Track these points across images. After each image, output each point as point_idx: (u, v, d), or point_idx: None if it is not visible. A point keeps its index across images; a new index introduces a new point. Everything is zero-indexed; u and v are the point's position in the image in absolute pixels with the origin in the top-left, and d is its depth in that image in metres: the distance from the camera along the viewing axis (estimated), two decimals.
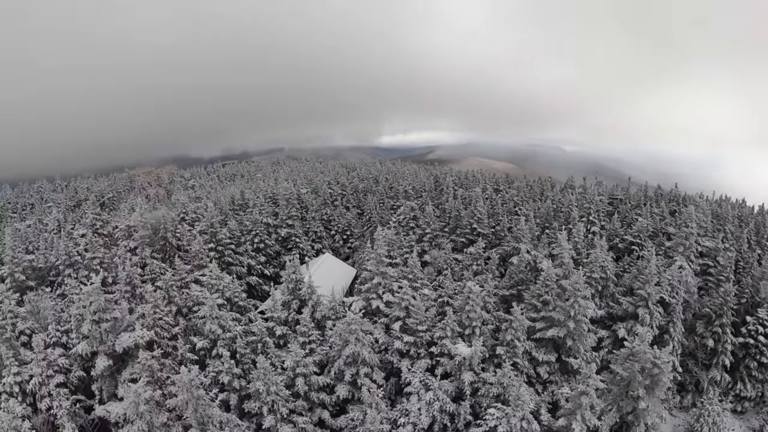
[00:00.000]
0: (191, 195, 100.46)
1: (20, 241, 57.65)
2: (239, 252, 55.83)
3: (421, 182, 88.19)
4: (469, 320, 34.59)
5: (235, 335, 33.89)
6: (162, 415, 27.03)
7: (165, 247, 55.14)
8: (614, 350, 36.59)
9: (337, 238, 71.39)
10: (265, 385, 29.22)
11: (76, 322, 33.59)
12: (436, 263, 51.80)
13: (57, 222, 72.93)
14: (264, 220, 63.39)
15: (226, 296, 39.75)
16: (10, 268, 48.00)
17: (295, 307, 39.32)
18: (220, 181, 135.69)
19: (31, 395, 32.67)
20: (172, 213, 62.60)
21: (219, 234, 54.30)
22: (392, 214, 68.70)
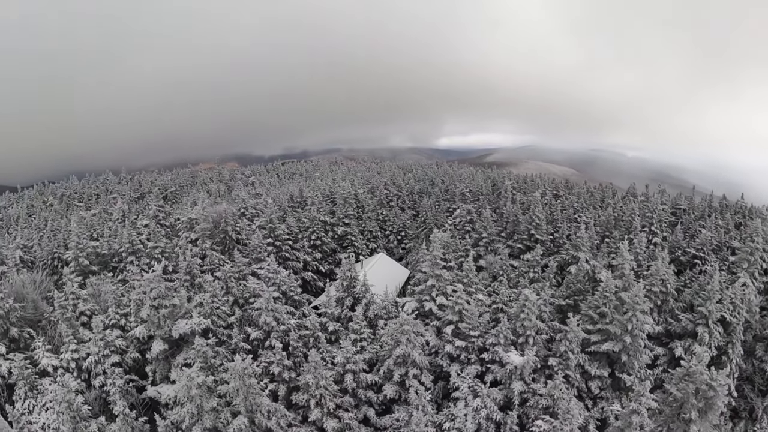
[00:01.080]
0: (251, 191, 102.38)
1: (85, 229, 60.29)
2: (296, 248, 56.62)
3: (479, 185, 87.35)
4: (523, 328, 33.78)
5: (288, 328, 34.24)
6: (212, 400, 27.49)
7: (225, 240, 56.47)
8: (669, 369, 35.21)
9: (391, 239, 71.54)
10: (315, 378, 29.34)
11: (135, 306, 34.81)
12: (492, 269, 51.16)
13: (122, 212, 75.56)
14: (321, 217, 64.03)
15: (282, 290, 40.36)
16: (75, 253, 50.48)
17: (348, 305, 39.52)
18: (280, 179, 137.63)
19: (86, 372, 34.54)
20: (232, 208, 64.07)
21: (277, 230, 55.44)
22: (448, 217, 68.30)
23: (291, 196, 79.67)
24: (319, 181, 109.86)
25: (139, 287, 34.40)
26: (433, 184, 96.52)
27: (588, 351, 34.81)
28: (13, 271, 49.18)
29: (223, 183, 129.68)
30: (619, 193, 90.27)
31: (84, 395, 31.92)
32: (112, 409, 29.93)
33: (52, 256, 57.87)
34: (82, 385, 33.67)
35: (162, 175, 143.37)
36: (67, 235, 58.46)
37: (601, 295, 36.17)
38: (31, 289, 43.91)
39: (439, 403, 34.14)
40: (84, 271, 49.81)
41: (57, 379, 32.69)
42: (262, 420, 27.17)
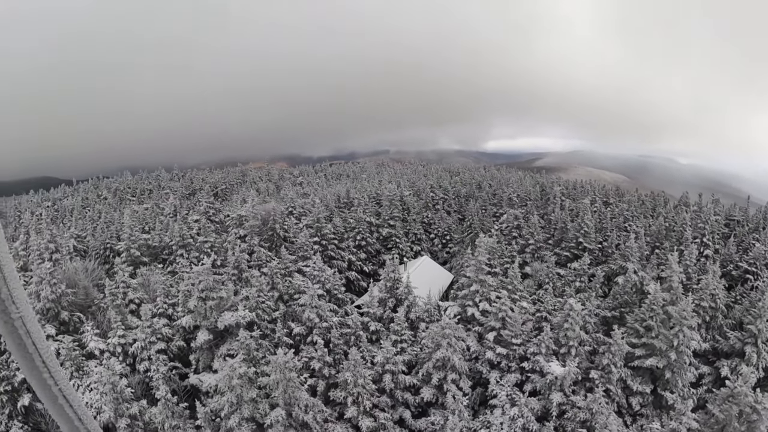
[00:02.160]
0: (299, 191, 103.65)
1: (137, 222, 62.52)
2: (341, 247, 57.15)
3: (527, 190, 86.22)
4: (566, 339, 33.26)
5: (330, 325, 34.65)
6: (252, 391, 28.04)
7: (272, 237, 57.50)
8: (714, 389, 33.90)
9: (436, 242, 71.31)
10: (354, 376, 29.57)
11: (183, 297, 35.83)
12: (538, 276, 50.58)
13: (173, 207, 77.57)
14: (367, 218, 64.36)
15: (326, 288, 40.89)
16: (127, 244, 52.44)
17: (390, 306, 39.64)
18: (327, 180, 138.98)
19: (131, 357, 35.79)
20: (281, 206, 65.28)
21: (324, 229, 56.13)
22: (494, 222, 67.80)
23: (338, 196, 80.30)
24: (365, 182, 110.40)
25: (188, 279, 35.48)
26: (480, 188, 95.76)
27: (631, 365, 34.05)
28: (67, 259, 50.68)
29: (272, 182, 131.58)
30: (671, 202, 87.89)
31: (128, 379, 33.20)
32: (154, 393, 31.24)
33: (104, 246, 60.01)
34: (127, 369, 34.86)
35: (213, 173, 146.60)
36: (120, 227, 60.61)
37: (648, 308, 35.36)
38: (83, 276, 45.61)
39: (476, 410, 33.95)
40: (135, 261, 51.57)
41: (103, 362, 34.19)
42: (299, 413, 27.55)
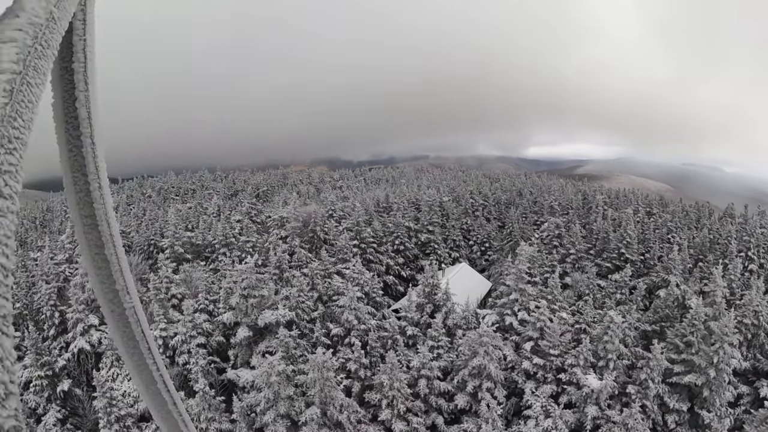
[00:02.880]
0: (339, 194, 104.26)
1: (181, 220, 65.13)
2: (380, 251, 57.42)
3: (568, 198, 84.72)
4: (604, 351, 32.76)
5: (368, 328, 34.98)
6: (289, 389, 28.55)
7: (313, 239, 58.37)
8: (752, 410, 32.77)
9: (474, 249, 70.83)
10: (390, 379, 29.74)
11: (225, 294, 36.85)
12: (578, 287, 49.88)
13: (217, 207, 79.20)
14: (406, 223, 64.39)
15: (365, 290, 41.27)
16: (171, 241, 54.17)
17: (428, 311, 39.70)
18: (366, 184, 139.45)
19: (171, 349, 36.93)
20: (321, 209, 66.00)
21: (363, 232, 56.58)
22: (535, 230, 66.97)
23: (377, 200, 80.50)
24: (404, 187, 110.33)
25: (231, 277, 36.46)
26: (521, 195, 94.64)
27: (669, 382, 33.25)
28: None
29: (313, 185, 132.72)
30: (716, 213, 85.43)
31: (167, 370, 33.76)
32: (192, 386, 32.23)
33: (148, 243, 62.06)
34: (166, 361, 35.96)
35: (255, 175, 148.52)
36: (164, 224, 62.58)
37: (689, 323, 34.47)
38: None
39: (509, 420, 33.60)
40: (178, 258, 52.93)
41: None
42: (333, 413, 27.84)
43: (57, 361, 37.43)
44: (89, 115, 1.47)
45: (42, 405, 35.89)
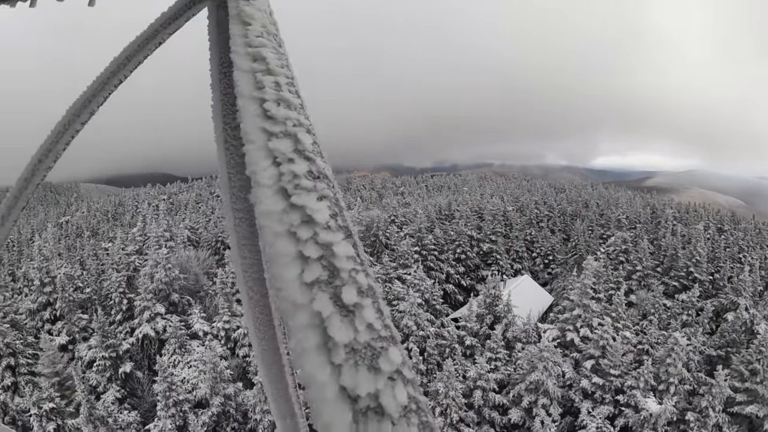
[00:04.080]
0: (401, 200, 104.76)
1: None
2: (441, 259, 57.37)
3: (636, 212, 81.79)
4: (666, 375, 31.67)
5: (427, 335, 35.05)
6: None
7: (375, 244, 59.09)
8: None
9: (537, 261, 69.53)
10: (446, 388, 29.72)
11: None
12: (643, 305, 48.41)
13: None
14: (468, 232, 64.01)
15: (425, 297, 41.36)
16: None
17: (488, 322, 39.45)
18: (428, 191, 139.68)
19: (232, 342, 38.98)
20: (383, 214, 66.35)
21: (425, 239, 56.77)
22: (601, 244, 65.28)
23: (439, 208, 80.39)
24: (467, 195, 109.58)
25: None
26: (587, 207, 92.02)
27: (730, 411, 31.73)
28: (181, 247, 55.39)
29: (375, 191, 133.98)
30: None
31: (227, 361, 35.71)
32: (251, 378, 34.06)
33: (216, 239, 64.43)
34: (227, 352, 37.60)
35: None
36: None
37: (756, 350, 32.78)
38: (195, 263, 49.69)
39: None
40: None
41: (205, 343, 36.86)
42: None
43: (121, 345, 39.41)
44: None
45: (103, 384, 37.92)
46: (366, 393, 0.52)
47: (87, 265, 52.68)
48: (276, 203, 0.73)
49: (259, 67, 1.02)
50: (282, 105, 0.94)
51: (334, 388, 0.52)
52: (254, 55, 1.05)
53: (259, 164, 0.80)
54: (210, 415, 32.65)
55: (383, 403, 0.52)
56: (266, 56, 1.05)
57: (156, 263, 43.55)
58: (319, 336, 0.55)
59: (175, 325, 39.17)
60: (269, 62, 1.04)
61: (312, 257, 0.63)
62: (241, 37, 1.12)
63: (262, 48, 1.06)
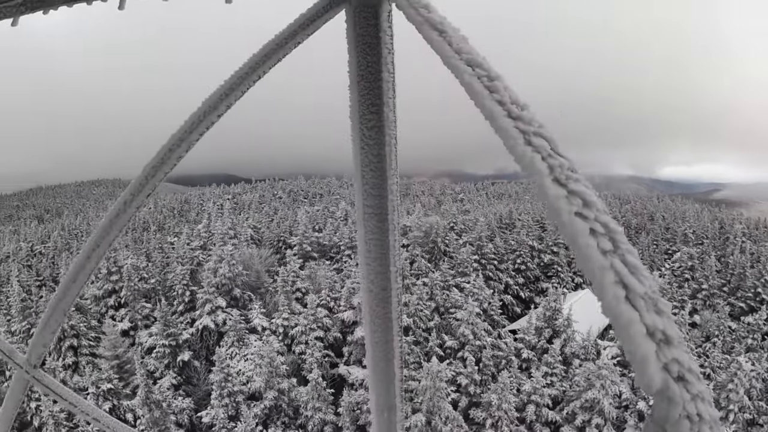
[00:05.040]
0: (460, 207, 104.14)
1: (309, 221, 69.15)
2: (500, 269, 56.77)
3: (704, 226, 77.87)
4: (727, 401, 30.47)
5: (483, 345, 34.88)
6: None
7: (433, 250, 59.19)
8: None
9: None
10: (499, 400, 29.55)
11: (347, 293, 38.38)
12: (707, 327, 46.61)
13: (345, 212, 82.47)
14: (529, 242, 63.04)
15: (483, 307, 41.16)
16: (300, 240, 59.52)
17: (546, 336, 38.92)
18: (488, 198, 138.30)
19: (290, 338, 40.01)
20: (443, 221, 66.15)
21: (485, 248, 56.40)
22: (666, 260, 63.25)
23: (500, 216, 79.43)
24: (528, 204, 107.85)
25: (354, 277, 37.90)
26: (652, 220, 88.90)
27: None
28: (244, 245, 57.17)
29: (434, 197, 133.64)
30: None
31: (283, 356, 36.98)
32: (305, 375, 34.75)
33: (278, 239, 66.57)
34: (284, 348, 38.71)
35: None
36: (293, 224, 67.73)
37: None
38: (257, 261, 51.40)
39: None
40: (305, 255, 57.17)
41: (263, 338, 38.64)
42: (438, 423, 28.05)
43: (181, 334, 41.27)
44: (395, 118, 1.69)
45: (160, 370, 39.83)
46: (659, 328, 0.69)
47: (152, 258, 55.13)
48: (559, 189, 0.87)
49: (481, 72, 1.12)
50: (517, 107, 1.04)
51: (641, 329, 0.68)
52: (469, 61, 1.16)
53: (534, 159, 0.93)
54: (262, 407, 33.81)
55: (669, 335, 0.69)
56: (481, 62, 1.16)
57: (220, 259, 45.21)
58: (624, 290, 0.72)
59: (236, 318, 40.76)
60: (486, 67, 1.15)
61: (600, 232, 0.81)
62: (444, 43, 1.24)
63: (474, 55, 1.18)
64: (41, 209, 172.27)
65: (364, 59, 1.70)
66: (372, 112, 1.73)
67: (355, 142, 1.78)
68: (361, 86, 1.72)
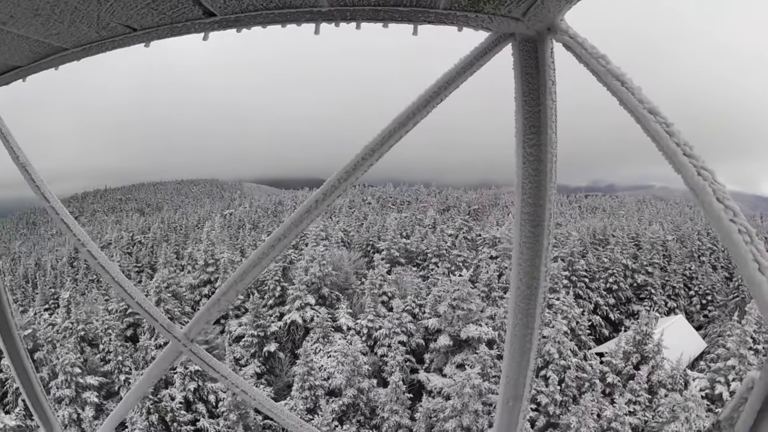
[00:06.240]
0: None
1: (398, 227, 70.92)
2: (591, 287, 55.07)
3: None
4: None
5: (568, 365, 34.27)
6: (476, 404, 29.19)
7: None
8: None
9: (694, 301, 63.33)
10: (578, 423, 29.04)
11: (433, 301, 38.76)
12: None
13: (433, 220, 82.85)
14: (623, 260, 60.58)
15: (571, 326, 40.31)
16: (388, 245, 61.41)
17: (633, 361, 37.61)
18: (581, 212, 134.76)
19: (372, 340, 41.28)
20: None
21: (576, 264, 54.81)
22: None
23: (593, 231, 76.78)
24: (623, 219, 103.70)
25: (441, 285, 38.33)
26: None
27: None
28: (334, 247, 59.54)
29: None
30: None
31: (365, 356, 38.07)
32: (385, 377, 36.15)
33: (367, 243, 68.80)
34: (366, 349, 39.68)
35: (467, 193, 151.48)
36: (382, 229, 70.64)
37: None
38: (346, 263, 53.39)
39: None
40: (392, 260, 58.84)
41: (347, 337, 40.51)
42: None
43: (270, 326, 43.62)
44: (556, 140, 2.00)
45: (246, 358, 42.27)
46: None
47: (246, 253, 59.16)
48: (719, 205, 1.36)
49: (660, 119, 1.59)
50: (688, 146, 1.51)
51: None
52: (651, 110, 1.62)
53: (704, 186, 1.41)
54: (341, 404, 34.93)
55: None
56: (658, 110, 1.61)
57: (312, 258, 47.25)
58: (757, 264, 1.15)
59: (323, 316, 42.75)
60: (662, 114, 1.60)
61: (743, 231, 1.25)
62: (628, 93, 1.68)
63: (652, 104, 1.63)
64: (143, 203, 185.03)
65: (528, 87, 2.03)
66: (533, 132, 2.07)
67: (518, 157, 2.16)
68: (525, 110, 2.08)
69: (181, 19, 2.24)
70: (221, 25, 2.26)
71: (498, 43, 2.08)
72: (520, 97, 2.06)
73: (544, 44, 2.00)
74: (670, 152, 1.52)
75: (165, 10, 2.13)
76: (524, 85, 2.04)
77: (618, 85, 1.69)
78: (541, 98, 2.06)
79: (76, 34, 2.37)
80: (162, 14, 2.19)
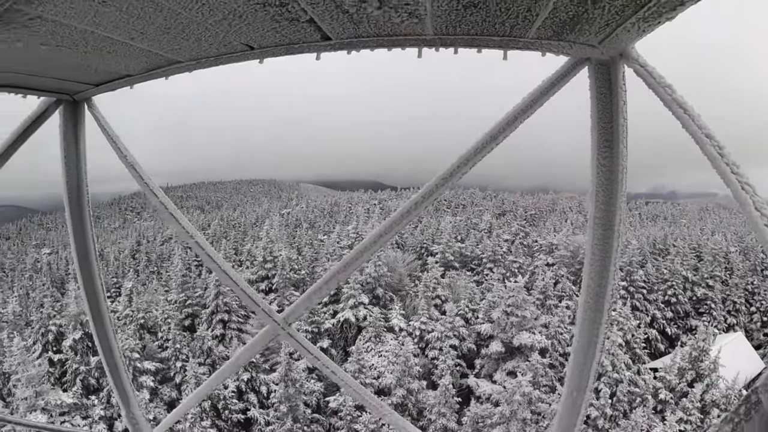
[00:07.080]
0: None
1: (452, 230, 71.19)
2: (648, 299, 53.82)
3: None
4: None
5: (620, 379, 33.77)
6: (525, 412, 29.10)
7: (580, 272, 56.35)
8: None
9: (755, 318, 59.95)
10: None
11: (487, 306, 38.73)
12: None
13: (488, 224, 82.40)
14: (683, 272, 58.64)
15: (626, 338, 39.65)
16: (443, 248, 61.70)
17: (688, 379, 36.61)
18: (641, 220, 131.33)
19: (424, 342, 41.89)
20: None
21: (634, 274, 53.55)
22: None
23: (653, 240, 74.71)
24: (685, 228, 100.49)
25: (496, 291, 38.34)
26: None
27: None
28: (389, 248, 59.93)
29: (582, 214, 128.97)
30: None
31: (416, 358, 38.72)
32: (434, 380, 36.46)
33: (420, 245, 69.76)
34: (417, 350, 40.41)
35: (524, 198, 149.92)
36: (436, 232, 70.92)
37: None
38: (400, 264, 54.23)
39: None
40: (446, 264, 58.71)
41: (399, 338, 41.09)
42: None
43: (324, 323, 45.13)
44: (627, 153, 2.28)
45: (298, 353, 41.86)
46: None
47: (303, 252, 61.65)
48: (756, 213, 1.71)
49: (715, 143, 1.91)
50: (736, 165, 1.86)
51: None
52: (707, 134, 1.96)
53: (746, 199, 1.74)
54: (389, 403, 35.29)
55: None
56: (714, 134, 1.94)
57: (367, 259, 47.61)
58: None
59: (376, 316, 43.63)
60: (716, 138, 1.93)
61: None
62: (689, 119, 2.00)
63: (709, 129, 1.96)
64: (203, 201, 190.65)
65: (602, 106, 2.32)
66: (606, 146, 2.35)
67: (592, 169, 2.45)
68: (599, 127, 2.36)
69: (299, 41, 2.43)
70: (334, 47, 2.45)
71: (575, 67, 2.36)
72: (595, 115, 2.35)
73: (616, 68, 2.25)
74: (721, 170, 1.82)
75: (287, 33, 2.32)
76: (599, 104, 2.32)
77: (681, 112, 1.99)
78: (614, 116, 2.32)
79: (197, 50, 2.53)
80: (283, 36, 2.37)
